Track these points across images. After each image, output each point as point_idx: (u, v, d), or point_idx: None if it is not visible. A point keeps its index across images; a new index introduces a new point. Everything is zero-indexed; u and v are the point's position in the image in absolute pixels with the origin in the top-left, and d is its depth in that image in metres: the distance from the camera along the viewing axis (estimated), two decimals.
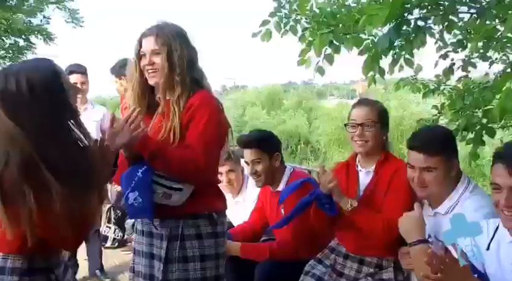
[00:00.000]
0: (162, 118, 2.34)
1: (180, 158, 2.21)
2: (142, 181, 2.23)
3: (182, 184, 2.27)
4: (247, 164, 3.24)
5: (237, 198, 3.89)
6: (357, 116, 2.69)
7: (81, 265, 4.93)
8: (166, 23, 2.43)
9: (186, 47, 2.39)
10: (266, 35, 3.45)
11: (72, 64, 4.66)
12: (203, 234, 2.35)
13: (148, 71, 2.35)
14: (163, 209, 2.29)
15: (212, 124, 2.29)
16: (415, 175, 2.32)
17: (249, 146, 3.21)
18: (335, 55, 3.39)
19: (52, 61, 1.88)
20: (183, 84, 2.33)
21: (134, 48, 2.41)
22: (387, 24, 2.72)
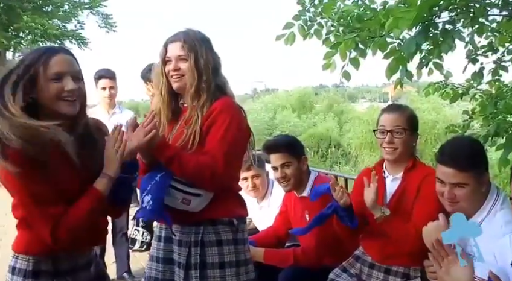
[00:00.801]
0: (185, 124, 2.34)
1: (197, 163, 2.20)
2: (157, 185, 2.24)
3: (200, 190, 2.27)
4: (274, 169, 3.20)
5: (262, 203, 3.87)
6: (386, 122, 2.64)
7: (108, 267, 5.00)
8: (191, 30, 2.45)
9: (211, 53, 2.41)
10: (290, 39, 3.41)
11: (100, 69, 4.74)
12: (223, 240, 2.33)
13: (172, 76, 2.37)
14: (184, 215, 2.30)
15: (232, 130, 2.27)
16: (445, 189, 2.23)
17: (277, 150, 3.18)
18: (365, 58, 3.34)
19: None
20: (209, 90, 2.33)
21: (160, 53, 2.43)
22: (413, 27, 2.65)
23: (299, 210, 3.22)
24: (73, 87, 1.88)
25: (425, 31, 2.81)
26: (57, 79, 1.87)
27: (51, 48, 1.99)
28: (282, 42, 3.45)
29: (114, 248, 4.95)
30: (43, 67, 1.86)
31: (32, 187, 1.81)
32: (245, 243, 2.45)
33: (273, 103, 41.13)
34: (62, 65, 1.89)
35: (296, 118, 36.76)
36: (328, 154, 30.64)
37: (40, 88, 1.87)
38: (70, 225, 1.83)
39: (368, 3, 3.49)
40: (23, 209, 1.88)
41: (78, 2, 25.45)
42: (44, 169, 1.81)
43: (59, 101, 1.88)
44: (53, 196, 1.83)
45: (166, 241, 2.44)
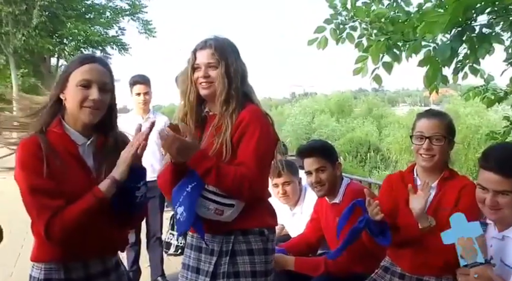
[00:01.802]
0: (215, 132, 2.33)
1: (236, 175, 2.19)
2: (189, 197, 2.24)
3: (233, 200, 2.26)
4: (308, 174, 3.15)
5: (294, 209, 3.83)
6: (425, 128, 2.54)
7: (143, 271, 5.05)
8: (220, 37, 2.44)
9: (240, 61, 2.41)
10: (322, 43, 3.36)
11: (135, 75, 4.80)
12: (254, 250, 2.31)
13: (201, 83, 2.36)
14: (215, 225, 2.29)
15: (263, 140, 2.27)
16: (487, 196, 2.13)
17: (312, 154, 3.13)
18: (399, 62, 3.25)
19: None
20: (237, 98, 2.32)
21: (189, 60, 2.42)
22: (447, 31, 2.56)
23: (330, 217, 3.16)
24: (97, 97, 1.92)
25: (460, 35, 2.70)
26: (84, 87, 1.93)
27: (91, 57, 2.04)
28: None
29: (148, 252, 5.00)
30: (75, 72, 1.94)
31: (33, 179, 1.85)
32: (273, 253, 2.43)
33: (312, 107, 40.98)
34: (91, 74, 1.94)
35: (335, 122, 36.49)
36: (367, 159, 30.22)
37: (68, 91, 1.95)
38: (65, 219, 1.84)
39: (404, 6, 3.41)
40: (25, 205, 1.90)
41: (119, 8, 26.11)
42: (52, 166, 1.86)
43: (82, 107, 1.94)
44: (54, 192, 1.86)
45: (196, 250, 2.43)
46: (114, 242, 2.11)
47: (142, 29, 26.50)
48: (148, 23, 26.53)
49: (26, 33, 21.29)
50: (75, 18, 23.71)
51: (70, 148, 1.97)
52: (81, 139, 1.99)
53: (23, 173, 1.87)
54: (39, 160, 1.86)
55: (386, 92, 67.38)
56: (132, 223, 2.18)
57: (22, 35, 21.26)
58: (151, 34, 26.60)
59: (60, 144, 1.95)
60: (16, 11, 20.86)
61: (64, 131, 1.98)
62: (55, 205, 1.84)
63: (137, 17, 26.31)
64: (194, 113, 2.41)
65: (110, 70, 2.02)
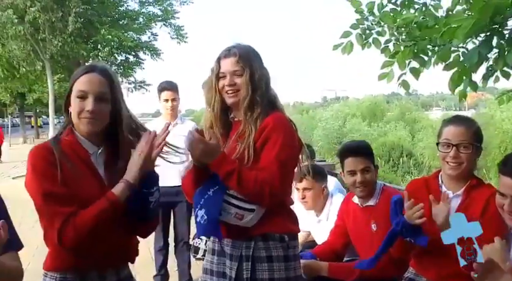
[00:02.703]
0: (239, 138, 2.34)
1: (257, 180, 2.20)
2: (210, 200, 2.26)
3: (254, 205, 2.26)
4: (352, 174, 3.07)
5: (320, 216, 3.81)
6: (452, 135, 2.48)
7: (171, 275, 5.10)
8: (243, 44, 2.46)
9: (263, 67, 2.43)
10: (347, 48, 3.33)
11: (163, 81, 4.87)
12: (273, 256, 2.31)
13: (227, 92, 2.37)
14: (235, 230, 2.29)
15: (286, 146, 2.27)
16: (506, 202, 2.08)
17: (359, 154, 3.09)
18: (428, 67, 3.19)
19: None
20: (262, 104, 2.34)
21: (213, 69, 2.44)
22: (472, 36, 2.49)
23: (361, 221, 3.12)
24: (92, 108, 1.94)
25: (489, 40, 2.63)
26: (81, 98, 1.96)
27: (90, 66, 2.05)
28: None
29: (176, 256, 5.05)
30: (76, 83, 1.98)
31: (47, 184, 1.87)
32: (296, 259, 2.41)
33: (343, 111, 40.64)
34: (87, 84, 1.96)
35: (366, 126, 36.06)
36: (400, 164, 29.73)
37: (70, 103, 1.99)
38: (78, 224, 1.85)
39: (433, 10, 3.34)
40: (38, 211, 1.92)
41: (152, 14, 26.50)
42: (64, 172, 1.89)
43: (80, 118, 1.97)
44: (67, 198, 1.87)
45: (219, 254, 2.44)
46: (127, 252, 2.13)
47: (174, 35, 26.81)
48: (180, 28, 26.83)
49: (62, 39, 21.79)
50: (109, 24, 24.17)
51: (82, 155, 2.00)
52: (92, 148, 2.02)
53: (36, 178, 1.89)
54: (53, 165, 1.89)
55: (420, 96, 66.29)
56: (145, 230, 2.18)
57: (58, 42, 21.77)
58: (182, 39, 26.89)
59: (71, 151, 1.98)
60: (52, 18, 21.38)
61: (76, 139, 2.01)
62: (68, 211, 1.86)
63: (170, 23, 26.64)
64: (220, 121, 2.44)
65: (110, 79, 2.01)
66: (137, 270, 5.56)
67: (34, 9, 20.83)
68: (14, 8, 20.79)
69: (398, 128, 34.73)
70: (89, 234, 1.87)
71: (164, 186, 4.63)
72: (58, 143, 1.98)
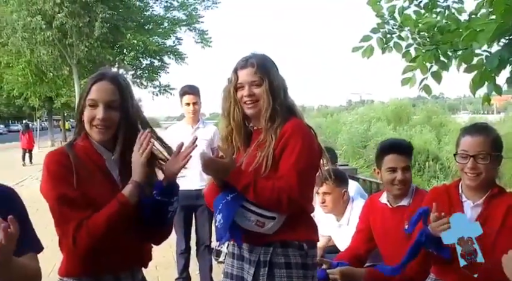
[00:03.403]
0: (259, 147, 2.35)
1: (273, 189, 2.21)
2: (228, 205, 2.27)
3: (275, 213, 2.27)
4: (392, 171, 3.02)
5: (341, 220, 3.78)
6: (469, 146, 2.43)
7: (193, 278, 5.13)
8: (259, 54, 2.47)
9: (280, 76, 2.44)
10: (367, 52, 3.30)
11: (184, 85, 4.92)
12: (292, 263, 2.31)
13: (246, 102, 2.38)
14: (254, 235, 2.30)
15: (304, 153, 2.27)
16: None
17: (402, 152, 3.06)
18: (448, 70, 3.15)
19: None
20: (281, 112, 2.35)
21: (230, 80, 2.45)
22: (495, 40, 2.44)
23: (392, 221, 3.07)
24: (102, 116, 1.98)
25: (511, 44, 2.57)
26: (92, 106, 2.00)
27: (100, 75, 2.07)
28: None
29: (197, 259, 5.08)
30: (86, 93, 2.02)
31: (62, 189, 1.90)
32: (314, 268, 2.41)
33: (368, 115, 40.30)
34: (97, 93, 2.00)
35: (392, 130, 35.69)
36: (425, 168, 29.34)
37: (82, 111, 2.03)
38: (91, 227, 1.87)
39: (456, 14, 3.30)
40: (53, 216, 1.95)
41: (176, 19, 26.73)
42: (79, 177, 1.92)
43: (91, 126, 2.01)
44: (81, 203, 1.90)
45: (239, 259, 2.45)
46: (142, 257, 2.15)
47: (198, 39, 26.99)
48: (204, 33, 27.00)
49: (88, 44, 22.11)
50: (134, 29, 24.44)
51: (96, 160, 2.03)
52: (106, 153, 2.05)
53: (51, 183, 1.93)
54: (68, 170, 1.92)
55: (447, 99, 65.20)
56: (158, 239, 2.18)
57: (84, 47, 22.09)
58: (207, 44, 27.05)
59: (86, 157, 2.01)
60: (79, 24, 21.71)
61: (91, 145, 2.04)
62: (82, 215, 1.88)
63: (194, 27, 26.83)
64: (240, 132, 2.44)
65: (120, 87, 2.03)
66: (160, 273, 5.62)
67: (61, 15, 21.18)
68: (43, 14, 21.18)
69: (424, 132, 34.27)
70: (102, 237, 1.89)
71: (185, 189, 4.71)
72: (72, 148, 2.02)
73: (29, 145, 22.25)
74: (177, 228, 4.91)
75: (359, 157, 29.43)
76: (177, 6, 26.80)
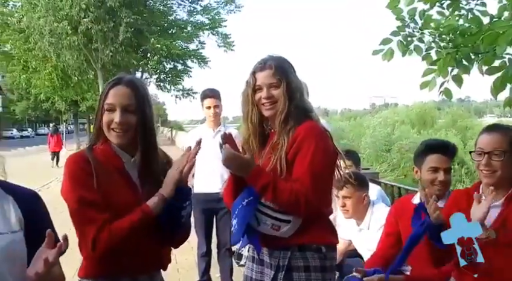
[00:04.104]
0: (272, 150, 2.36)
1: (292, 192, 2.20)
2: (243, 210, 2.28)
3: (290, 216, 2.26)
4: (434, 171, 2.97)
5: (361, 225, 3.76)
6: (485, 143, 2.42)
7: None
8: (276, 56, 2.48)
9: (297, 78, 2.44)
10: (387, 55, 3.28)
11: (206, 89, 4.95)
12: (311, 266, 2.30)
13: (264, 104, 2.39)
14: (272, 240, 2.31)
15: (319, 155, 2.26)
16: None
17: (447, 152, 3.01)
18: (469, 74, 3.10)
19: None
20: (296, 115, 2.35)
21: (248, 82, 2.46)
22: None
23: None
24: (120, 119, 2.01)
25: None
26: (110, 110, 2.04)
27: (116, 79, 2.11)
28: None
29: (218, 262, 5.10)
30: (104, 97, 2.06)
31: (82, 192, 1.94)
32: (332, 271, 2.39)
33: (392, 118, 39.91)
34: (114, 97, 2.03)
35: (416, 134, 35.28)
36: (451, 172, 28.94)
37: (100, 115, 2.06)
38: (113, 233, 1.91)
39: (480, 16, 3.25)
40: (72, 218, 1.98)
41: (199, 23, 26.96)
42: (99, 180, 1.96)
43: (109, 130, 2.04)
44: (101, 205, 1.93)
45: (258, 263, 2.46)
46: (160, 260, 2.16)
47: (221, 43, 27.18)
48: (227, 36, 27.17)
49: (113, 49, 22.46)
50: (158, 33, 24.75)
51: (116, 163, 2.06)
52: (125, 156, 2.08)
53: (72, 186, 1.97)
54: (88, 173, 1.96)
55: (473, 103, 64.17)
56: (175, 242, 2.19)
57: (109, 51, 22.45)
58: (229, 47, 27.23)
59: (106, 160, 2.05)
60: (104, 29, 22.08)
61: (110, 148, 2.07)
62: (102, 218, 1.91)
63: (217, 31, 27.03)
64: (257, 134, 2.45)
65: (136, 90, 2.06)
66: (182, 275, 5.66)
67: (87, 20, 21.57)
68: (69, 19, 21.60)
69: (449, 136, 33.76)
70: (122, 242, 1.93)
71: (207, 193, 4.75)
72: (92, 151, 2.06)
73: (58, 147, 22.61)
74: (198, 231, 4.94)
75: (382, 161, 29.15)
76: (200, 10, 27.06)
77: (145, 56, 25.26)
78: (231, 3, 26.86)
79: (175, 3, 26.88)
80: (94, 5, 21.59)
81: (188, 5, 26.94)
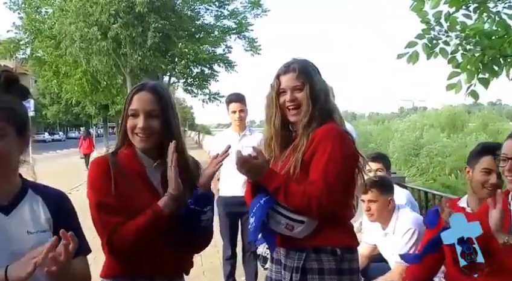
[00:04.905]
0: (293, 151, 2.36)
1: (303, 195, 2.20)
2: (259, 209, 2.29)
3: (303, 217, 2.26)
4: (487, 172, 2.88)
5: (387, 229, 3.72)
6: (508, 149, 2.38)
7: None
8: (300, 59, 2.49)
9: (322, 80, 2.44)
10: (413, 58, 3.25)
11: (231, 93, 4.99)
12: (325, 269, 2.28)
13: (289, 107, 2.40)
14: (288, 240, 2.31)
15: (335, 158, 2.23)
16: None
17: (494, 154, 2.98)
18: (497, 77, 3.06)
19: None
20: (319, 117, 2.35)
21: (272, 85, 2.47)
22: None
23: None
24: (143, 125, 2.05)
25: None
26: (133, 116, 2.09)
27: (140, 85, 2.15)
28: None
29: (243, 266, 5.11)
30: (128, 103, 2.11)
31: (100, 196, 2.01)
32: (352, 273, 2.35)
33: (421, 122, 39.39)
34: (137, 103, 2.08)
35: (445, 138, 34.72)
36: None
37: (125, 121, 2.12)
38: (124, 233, 1.95)
39: (507, 19, 3.20)
40: (93, 221, 2.03)
41: (226, 27, 27.10)
42: (119, 185, 2.00)
43: (133, 135, 2.09)
44: (117, 209, 1.98)
45: (277, 263, 2.46)
46: (181, 264, 2.18)
47: (248, 47, 27.26)
48: (254, 40, 27.24)
49: (141, 53, 22.75)
50: (185, 38, 24.98)
51: (138, 168, 2.10)
52: (148, 161, 2.11)
53: (92, 190, 2.03)
54: (108, 178, 2.00)
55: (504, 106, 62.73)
56: (197, 247, 2.20)
57: (138, 56, 22.75)
58: (256, 51, 27.28)
59: (128, 165, 2.09)
60: (133, 34, 22.39)
61: (134, 153, 2.12)
62: (117, 221, 1.96)
63: (244, 36, 27.13)
64: (279, 137, 2.46)
65: (159, 96, 2.10)
66: (207, 278, 5.69)
67: (116, 26, 21.91)
68: (99, 25, 21.97)
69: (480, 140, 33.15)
70: (134, 243, 1.96)
71: (231, 196, 4.78)
72: (115, 156, 2.11)
73: (89, 149, 23.02)
74: (223, 235, 4.97)
75: (411, 165, 28.74)
76: (228, 15, 27.18)
77: (173, 60, 25.50)
78: (258, 7, 26.94)
79: (202, 8, 27.08)
80: (123, 10, 21.92)
81: (215, 9, 27.12)
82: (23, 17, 26.07)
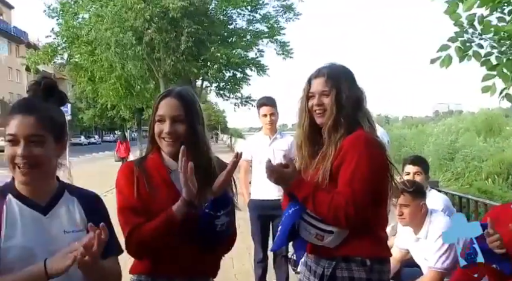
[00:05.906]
0: (321, 159, 2.36)
1: (331, 205, 2.19)
2: (287, 218, 2.32)
3: (333, 227, 2.26)
4: None
5: (419, 234, 3.68)
6: None
7: None
8: (335, 64, 2.50)
9: (353, 88, 2.42)
10: (445, 61, 3.21)
11: (262, 97, 5.04)
12: (355, 278, 2.27)
13: (316, 111, 2.42)
14: (318, 248, 2.33)
15: (361, 168, 2.21)
16: None
17: None
18: None
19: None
20: (346, 125, 2.34)
21: (304, 89, 2.50)
22: None
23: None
24: (168, 130, 2.13)
25: None
26: (160, 121, 2.17)
27: (167, 91, 2.23)
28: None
29: (275, 269, 5.13)
30: (155, 109, 2.19)
31: (123, 199, 2.10)
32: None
33: (456, 126, 38.65)
34: (164, 109, 2.16)
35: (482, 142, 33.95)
36: None
37: (153, 126, 2.20)
38: (141, 235, 2.02)
39: None
40: (119, 222, 2.11)
41: (258, 31, 27.17)
42: (141, 189, 2.09)
43: (161, 140, 2.18)
44: (137, 211, 2.06)
45: (308, 269, 2.48)
46: (204, 266, 2.19)
47: (280, 51, 27.26)
48: (286, 44, 27.23)
49: (175, 58, 23.01)
50: (218, 42, 25.15)
51: (162, 172, 2.17)
52: (174, 165, 2.16)
53: (118, 194, 2.14)
54: (131, 182, 2.10)
55: None
56: (217, 251, 2.21)
57: (171, 60, 23.02)
58: (288, 55, 27.27)
59: (154, 169, 2.17)
60: (166, 39, 22.67)
61: (159, 157, 2.20)
62: (135, 222, 2.04)
63: (275, 39, 27.15)
64: (307, 141, 2.47)
65: (185, 101, 2.16)
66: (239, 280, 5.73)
67: (150, 31, 22.23)
68: (134, 30, 22.33)
69: None
70: (149, 243, 2.03)
71: (263, 199, 4.81)
72: (142, 161, 2.21)
73: (126, 153, 23.47)
74: (255, 238, 5.00)
75: (446, 170, 28.20)
76: (260, 19, 27.24)
77: (206, 65, 25.70)
78: (290, 11, 26.92)
79: (235, 12, 27.21)
80: (157, 16, 22.22)
81: (247, 13, 27.22)
82: (62, 23, 26.69)
